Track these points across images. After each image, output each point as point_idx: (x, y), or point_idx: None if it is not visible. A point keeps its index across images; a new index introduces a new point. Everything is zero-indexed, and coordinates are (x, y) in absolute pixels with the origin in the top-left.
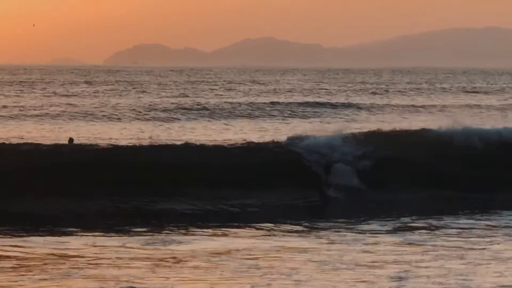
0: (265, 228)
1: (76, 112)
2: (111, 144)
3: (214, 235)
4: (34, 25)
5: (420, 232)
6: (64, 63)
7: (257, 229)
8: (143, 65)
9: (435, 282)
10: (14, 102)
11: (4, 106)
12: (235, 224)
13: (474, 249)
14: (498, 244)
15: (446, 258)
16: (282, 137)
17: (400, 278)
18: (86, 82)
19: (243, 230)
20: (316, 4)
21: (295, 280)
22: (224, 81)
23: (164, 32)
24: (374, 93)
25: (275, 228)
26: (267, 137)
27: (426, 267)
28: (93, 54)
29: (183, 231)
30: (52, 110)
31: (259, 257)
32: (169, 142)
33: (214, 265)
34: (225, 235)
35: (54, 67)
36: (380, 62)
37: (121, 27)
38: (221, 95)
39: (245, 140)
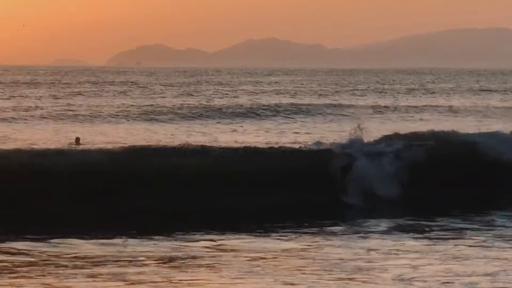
0: (267, 228)
1: (82, 111)
2: (118, 146)
3: (218, 234)
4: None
5: (425, 233)
6: (67, 64)
7: (259, 229)
8: (146, 65)
9: (439, 282)
10: (18, 103)
11: (11, 106)
12: (238, 224)
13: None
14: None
15: (446, 258)
16: (286, 138)
17: (403, 280)
18: (91, 82)
19: (245, 230)
20: (319, 5)
21: (297, 281)
22: (229, 81)
23: (167, 32)
24: (380, 93)
25: (277, 228)
26: (273, 138)
27: (428, 268)
28: (95, 55)
29: (185, 231)
30: (58, 110)
31: (262, 258)
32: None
33: (217, 265)
34: (227, 235)
35: (57, 68)
36: (383, 63)
37: (124, 28)
38: (226, 94)
39: (251, 140)
